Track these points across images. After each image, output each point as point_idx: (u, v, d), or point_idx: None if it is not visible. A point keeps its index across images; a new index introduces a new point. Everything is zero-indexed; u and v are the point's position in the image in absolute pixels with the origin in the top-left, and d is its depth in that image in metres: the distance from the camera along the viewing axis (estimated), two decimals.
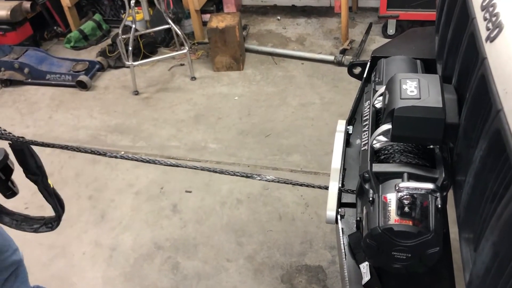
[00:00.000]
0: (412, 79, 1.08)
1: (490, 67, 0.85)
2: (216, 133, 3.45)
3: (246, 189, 2.92)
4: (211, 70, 4.19)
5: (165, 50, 4.54)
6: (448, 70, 1.27)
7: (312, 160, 3.11)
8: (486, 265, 0.78)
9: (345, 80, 3.79)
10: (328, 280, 2.38)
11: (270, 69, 4.13)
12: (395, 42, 1.90)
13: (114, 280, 2.49)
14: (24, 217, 1.61)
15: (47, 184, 1.53)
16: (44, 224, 1.61)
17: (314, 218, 2.70)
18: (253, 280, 2.42)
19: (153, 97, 3.93)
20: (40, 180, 1.51)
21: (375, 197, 1.04)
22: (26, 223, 1.60)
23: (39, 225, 1.61)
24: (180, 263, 2.53)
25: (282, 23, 4.83)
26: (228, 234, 2.66)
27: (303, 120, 3.49)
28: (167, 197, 2.94)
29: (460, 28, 1.14)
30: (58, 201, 1.58)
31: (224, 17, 4.09)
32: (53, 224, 1.62)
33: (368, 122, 1.27)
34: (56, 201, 1.57)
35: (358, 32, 4.47)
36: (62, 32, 4.85)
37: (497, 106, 0.77)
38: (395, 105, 1.03)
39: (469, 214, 0.95)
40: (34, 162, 1.47)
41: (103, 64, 4.30)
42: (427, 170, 1.05)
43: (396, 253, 1.00)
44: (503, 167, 0.76)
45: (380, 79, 1.42)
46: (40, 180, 1.51)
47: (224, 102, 3.78)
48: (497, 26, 0.87)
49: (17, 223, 1.60)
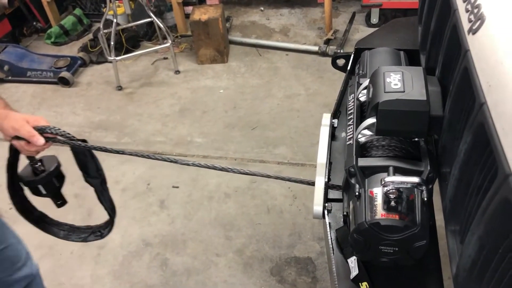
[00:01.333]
0: (395, 72, 1.07)
1: (473, 60, 0.84)
2: (201, 127, 3.43)
3: (233, 183, 2.92)
4: (195, 63, 4.16)
5: (148, 44, 4.49)
6: (431, 62, 1.27)
7: (299, 152, 3.11)
8: (472, 259, 0.78)
9: (329, 70, 3.79)
10: (317, 271, 2.39)
11: (255, 61, 4.11)
12: (378, 33, 1.89)
13: (103, 279, 2.47)
14: (70, 227, 1.57)
15: (105, 188, 1.48)
16: (92, 233, 1.56)
17: (302, 210, 2.71)
18: (242, 273, 2.42)
19: (137, 92, 3.89)
20: (99, 184, 1.46)
21: (361, 192, 1.04)
22: (73, 233, 1.56)
23: (87, 234, 1.56)
24: (169, 259, 2.52)
25: (265, 14, 4.80)
26: (216, 229, 2.66)
27: (289, 111, 3.48)
28: (154, 193, 2.92)
29: (442, 20, 1.14)
30: (111, 206, 1.52)
31: (206, 9, 4.05)
32: (102, 231, 1.56)
33: (353, 116, 1.27)
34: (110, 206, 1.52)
35: (341, 22, 4.47)
36: (42, 27, 4.76)
37: (480, 99, 0.77)
38: (379, 99, 1.03)
39: (455, 206, 0.95)
40: (94, 166, 1.43)
41: (85, 60, 4.24)
42: (413, 163, 1.05)
43: (384, 247, 1.00)
44: (487, 161, 0.76)
45: (364, 72, 1.42)
46: (99, 183, 1.46)
47: (209, 95, 3.75)
48: (479, 18, 0.87)
49: (64, 233, 1.56)
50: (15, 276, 1.64)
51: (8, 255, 1.60)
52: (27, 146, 1.31)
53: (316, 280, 2.35)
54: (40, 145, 1.31)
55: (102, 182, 1.46)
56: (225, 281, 2.39)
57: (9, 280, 1.62)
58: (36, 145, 1.30)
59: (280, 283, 2.35)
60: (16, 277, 1.64)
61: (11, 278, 1.63)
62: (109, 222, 1.55)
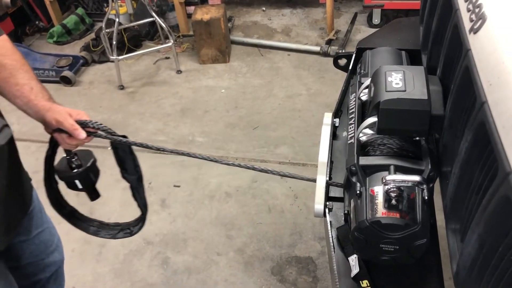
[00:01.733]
0: (397, 71, 1.07)
1: (474, 59, 0.85)
2: (203, 126, 3.43)
3: (234, 182, 2.92)
4: (197, 63, 4.16)
5: (150, 43, 4.49)
6: (432, 61, 1.27)
7: (300, 152, 3.12)
8: (472, 257, 0.79)
9: (331, 70, 3.78)
10: (318, 270, 2.39)
11: (256, 61, 4.12)
12: (380, 33, 1.90)
13: (104, 277, 2.48)
14: (100, 223, 1.56)
15: (141, 185, 1.47)
16: (121, 230, 1.55)
17: (303, 210, 2.71)
18: (243, 273, 2.42)
19: (138, 92, 3.90)
20: (135, 180, 1.45)
21: (362, 190, 1.04)
22: (103, 229, 1.55)
23: (116, 231, 1.55)
24: (170, 258, 2.53)
25: (267, 14, 4.80)
26: (217, 228, 2.66)
27: (290, 111, 3.49)
28: (155, 192, 2.92)
29: (444, 19, 1.14)
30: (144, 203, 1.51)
31: (208, 9, 4.05)
32: (132, 229, 1.55)
33: (354, 115, 1.27)
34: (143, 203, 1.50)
35: (343, 22, 4.47)
36: (44, 27, 4.77)
37: (481, 98, 0.78)
38: (380, 98, 1.03)
39: (455, 205, 0.95)
40: (133, 162, 1.42)
41: (87, 59, 4.25)
42: (414, 162, 1.06)
43: (384, 246, 1.00)
44: (488, 159, 0.77)
45: (366, 71, 1.42)
46: (135, 180, 1.45)
47: (210, 95, 3.76)
48: (480, 17, 0.87)
49: (94, 229, 1.55)
50: (47, 261, 1.63)
51: (44, 239, 1.59)
52: (69, 139, 1.32)
53: (317, 280, 2.36)
54: (82, 138, 1.31)
55: (138, 178, 1.46)
56: (225, 280, 2.40)
57: (41, 264, 1.62)
58: (78, 138, 1.31)
59: (280, 282, 2.36)
60: (47, 261, 1.64)
61: (43, 262, 1.62)
62: (140, 219, 1.54)
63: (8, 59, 1.31)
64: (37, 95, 1.32)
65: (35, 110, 1.32)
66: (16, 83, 1.30)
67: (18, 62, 1.33)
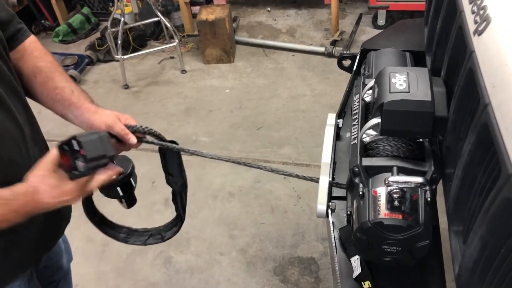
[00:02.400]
0: (401, 73, 1.07)
1: (478, 61, 0.85)
2: (207, 126, 3.44)
3: (238, 182, 2.92)
4: (202, 63, 4.17)
5: (155, 43, 4.51)
6: (437, 63, 1.27)
7: (304, 152, 3.12)
8: (474, 258, 0.79)
9: (335, 71, 3.79)
10: (320, 271, 2.39)
11: (261, 61, 4.12)
12: (384, 34, 1.89)
13: (107, 275, 2.49)
14: (129, 229, 1.50)
15: (185, 191, 1.43)
16: (151, 236, 1.49)
17: (306, 210, 2.71)
18: (245, 273, 2.42)
19: (143, 91, 3.91)
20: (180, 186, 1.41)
21: (365, 191, 1.04)
22: (132, 236, 1.48)
23: (146, 237, 1.49)
24: (173, 257, 2.53)
25: (272, 15, 4.81)
26: (220, 228, 2.67)
27: (294, 112, 3.49)
28: (159, 191, 2.93)
29: (448, 21, 1.14)
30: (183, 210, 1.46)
31: (213, 9, 4.06)
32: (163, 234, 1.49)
33: (358, 116, 1.27)
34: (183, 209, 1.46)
35: (348, 23, 4.47)
36: (50, 25, 4.79)
37: (485, 100, 0.78)
38: (384, 99, 1.03)
39: (458, 206, 0.95)
40: (179, 167, 1.38)
41: (92, 58, 4.27)
42: (417, 164, 1.06)
43: (386, 247, 1.00)
44: (491, 161, 0.77)
45: (370, 72, 1.42)
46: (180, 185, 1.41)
47: (215, 95, 3.77)
48: (484, 19, 0.87)
49: (123, 236, 1.48)
50: (60, 262, 1.63)
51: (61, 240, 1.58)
52: (116, 145, 1.20)
53: (319, 280, 2.36)
54: (133, 144, 1.22)
55: (183, 184, 1.42)
56: (228, 280, 2.40)
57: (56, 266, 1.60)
58: (128, 143, 1.21)
59: (283, 282, 2.36)
60: (60, 263, 1.63)
61: (58, 264, 1.61)
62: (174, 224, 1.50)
63: (43, 61, 1.22)
64: (79, 97, 1.22)
65: (77, 113, 1.21)
66: (55, 87, 1.21)
67: (53, 64, 1.25)
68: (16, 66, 1.19)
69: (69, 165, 1.01)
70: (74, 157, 1.00)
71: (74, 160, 1.00)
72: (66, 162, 1.01)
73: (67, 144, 1.01)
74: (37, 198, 0.99)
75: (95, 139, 1.04)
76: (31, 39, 1.24)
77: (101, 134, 1.07)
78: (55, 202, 1.01)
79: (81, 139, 1.00)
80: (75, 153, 1.00)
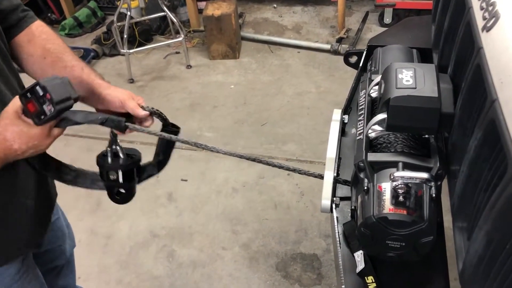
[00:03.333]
0: (408, 69, 1.07)
1: (486, 57, 0.85)
2: (211, 121, 3.45)
3: (241, 177, 2.93)
4: (207, 58, 4.17)
5: (161, 38, 4.51)
6: (444, 60, 1.27)
7: (308, 149, 3.12)
8: (479, 254, 0.79)
9: (341, 69, 3.79)
10: (322, 268, 2.40)
11: (266, 58, 4.12)
12: (391, 31, 1.89)
13: (110, 268, 2.50)
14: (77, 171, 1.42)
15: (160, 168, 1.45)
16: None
17: (309, 207, 2.71)
18: (248, 268, 2.43)
19: (148, 86, 3.91)
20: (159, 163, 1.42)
21: (369, 186, 1.04)
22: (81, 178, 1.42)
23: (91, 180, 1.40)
24: (176, 251, 2.54)
25: (278, 11, 4.80)
26: (223, 223, 2.67)
27: (299, 109, 3.49)
28: (162, 185, 2.94)
29: (456, 18, 1.14)
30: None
31: (220, 4, 4.06)
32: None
33: (364, 112, 1.27)
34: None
35: (354, 21, 4.46)
36: (56, 19, 4.80)
37: (492, 96, 0.77)
38: (390, 95, 1.03)
39: (463, 203, 0.95)
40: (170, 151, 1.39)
41: (98, 52, 4.27)
42: (422, 160, 1.06)
43: (390, 242, 1.00)
44: (497, 157, 0.77)
45: (376, 68, 1.42)
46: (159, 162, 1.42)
47: (219, 90, 3.77)
48: (493, 15, 0.87)
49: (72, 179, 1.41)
50: (63, 247, 1.63)
51: (60, 225, 1.59)
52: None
53: (321, 277, 2.36)
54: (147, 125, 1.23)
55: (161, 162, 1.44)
56: (230, 274, 2.41)
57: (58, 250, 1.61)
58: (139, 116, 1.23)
59: (285, 278, 2.37)
60: (63, 247, 1.63)
61: (60, 249, 1.62)
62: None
63: (51, 43, 1.24)
64: (90, 75, 1.23)
65: (89, 88, 1.21)
66: (65, 66, 1.22)
67: (61, 46, 1.25)
68: (25, 50, 1.22)
69: (36, 111, 1.02)
70: (40, 103, 1.02)
71: (41, 105, 1.02)
72: (32, 108, 1.02)
73: (30, 91, 1.02)
74: (7, 145, 1.01)
75: (59, 83, 1.06)
76: (38, 23, 1.27)
77: (62, 78, 1.08)
78: (25, 148, 1.03)
79: (46, 84, 1.02)
80: (40, 99, 1.02)
